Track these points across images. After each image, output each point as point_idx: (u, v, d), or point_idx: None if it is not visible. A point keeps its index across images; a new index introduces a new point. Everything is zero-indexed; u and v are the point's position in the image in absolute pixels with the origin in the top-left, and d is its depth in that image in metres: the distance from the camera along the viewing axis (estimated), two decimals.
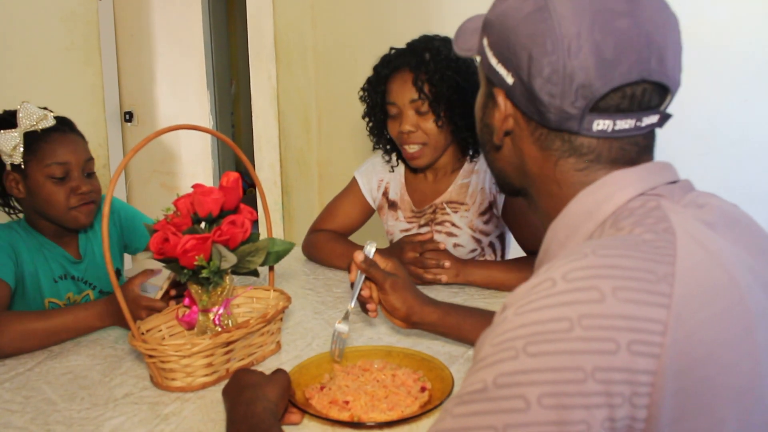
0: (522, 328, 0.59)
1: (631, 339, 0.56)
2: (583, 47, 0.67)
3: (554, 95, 0.69)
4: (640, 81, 0.68)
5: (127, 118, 3.98)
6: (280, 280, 1.75)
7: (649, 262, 0.60)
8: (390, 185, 1.93)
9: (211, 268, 1.13)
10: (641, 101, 0.70)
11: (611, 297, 0.57)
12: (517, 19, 0.71)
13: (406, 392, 1.07)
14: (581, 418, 0.56)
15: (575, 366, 0.56)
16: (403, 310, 1.19)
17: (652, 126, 0.73)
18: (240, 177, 1.21)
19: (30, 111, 1.49)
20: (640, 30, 0.68)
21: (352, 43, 2.83)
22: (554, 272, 0.60)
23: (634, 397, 0.56)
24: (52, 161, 1.49)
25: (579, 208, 0.73)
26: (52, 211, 1.53)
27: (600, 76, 0.67)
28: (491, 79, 0.77)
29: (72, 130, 1.57)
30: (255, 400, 0.93)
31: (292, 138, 3.11)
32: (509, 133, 0.79)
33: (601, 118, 0.69)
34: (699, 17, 1.99)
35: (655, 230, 0.64)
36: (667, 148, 2.04)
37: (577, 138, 0.73)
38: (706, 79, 2.00)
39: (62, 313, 1.35)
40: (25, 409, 1.09)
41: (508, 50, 0.72)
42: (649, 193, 0.70)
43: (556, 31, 0.68)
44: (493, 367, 0.59)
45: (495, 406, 0.58)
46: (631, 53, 0.67)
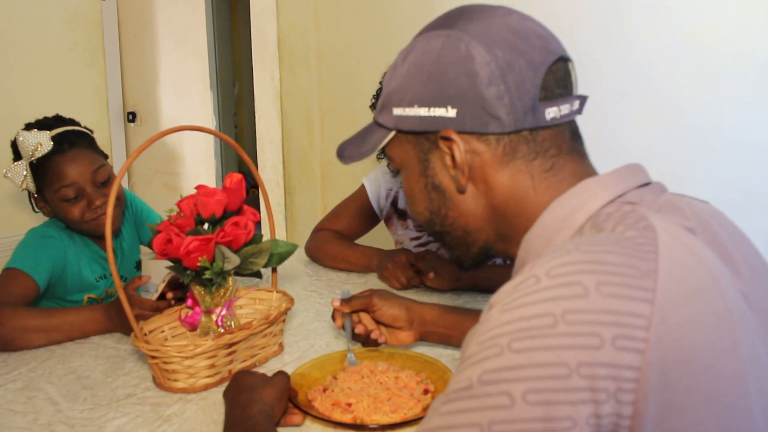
0: (507, 325, 0.59)
1: (616, 334, 0.56)
2: (505, 48, 0.72)
3: (503, 95, 0.72)
4: (558, 60, 0.75)
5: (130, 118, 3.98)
6: (283, 282, 1.75)
7: (631, 258, 0.60)
8: (399, 194, 1.92)
9: (214, 270, 1.13)
10: (566, 85, 0.76)
11: (595, 292, 0.57)
12: (434, 58, 0.75)
13: (409, 394, 1.07)
14: (566, 415, 0.55)
15: (560, 361, 0.56)
16: (403, 312, 1.19)
17: (579, 108, 0.77)
18: (243, 178, 1.21)
19: (26, 141, 1.48)
20: (533, 22, 0.76)
21: (355, 45, 2.83)
22: (538, 269, 0.61)
23: (619, 393, 0.56)
24: (59, 185, 1.52)
25: (552, 218, 0.73)
26: (76, 226, 1.59)
27: (530, 63, 0.72)
28: (426, 131, 0.78)
29: (72, 146, 1.54)
30: (251, 403, 0.93)
31: (294, 139, 3.11)
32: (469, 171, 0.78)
33: (549, 106, 0.73)
34: (700, 19, 1.98)
35: (636, 228, 0.64)
36: (668, 150, 2.05)
37: (538, 134, 0.74)
38: (707, 81, 2.00)
39: (62, 314, 1.37)
40: (27, 409, 1.09)
41: (440, 86, 0.74)
42: (621, 200, 0.71)
43: (477, 46, 0.72)
44: (479, 364, 0.59)
45: (480, 403, 0.58)
46: (540, 39, 0.74)
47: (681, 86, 2.04)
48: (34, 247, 1.55)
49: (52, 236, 1.58)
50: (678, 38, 2.02)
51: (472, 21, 0.75)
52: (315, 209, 3.09)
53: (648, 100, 2.09)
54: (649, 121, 2.10)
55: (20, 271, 1.47)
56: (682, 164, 2.07)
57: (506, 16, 0.75)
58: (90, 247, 1.66)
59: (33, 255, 1.52)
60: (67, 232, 1.63)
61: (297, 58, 3.03)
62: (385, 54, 1.83)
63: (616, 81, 2.11)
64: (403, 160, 0.84)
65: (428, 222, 0.86)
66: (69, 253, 1.60)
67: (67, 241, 1.60)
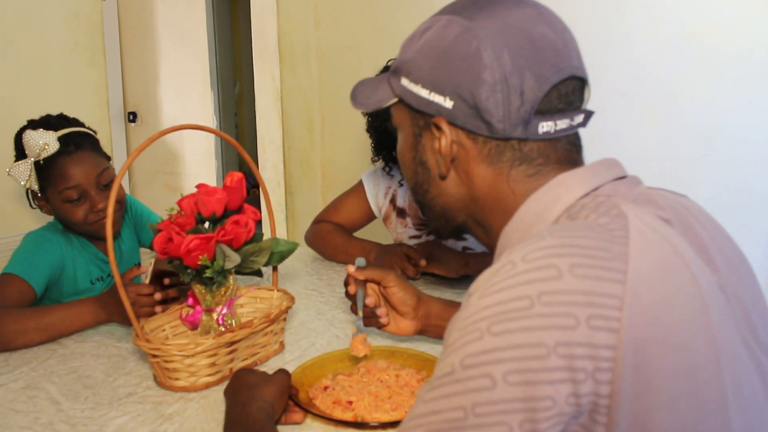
0: (485, 310, 0.60)
1: (590, 314, 0.57)
2: (515, 57, 0.71)
3: (499, 103, 0.71)
4: (569, 78, 0.74)
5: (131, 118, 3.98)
6: (284, 280, 1.75)
7: (603, 241, 0.62)
8: (398, 192, 1.93)
9: (214, 268, 1.13)
10: (572, 100, 0.75)
11: (568, 273, 0.59)
12: (445, 45, 0.74)
13: (410, 392, 1.07)
14: (547, 394, 0.57)
15: (537, 342, 0.57)
16: (413, 299, 1.18)
17: (581, 124, 0.76)
18: (244, 177, 1.21)
19: (32, 141, 1.48)
20: (556, 33, 0.74)
21: (355, 44, 2.83)
22: (514, 255, 0.62)
23: (596, 372, 0.57)
24: (64, 187, 1.52)
25: (529, 211, 0.74)
26: (77, 228, 1.59)
27: (536, 77, 0.71)
28: (423, 111, 0.78)
29: (78, 148, 1.54)
30: (251, 401, 0.93)
31: (295, 139, 3.11)
32: (453, 160, 0.79)
33: (545, 120, 0.73)
34: (702, 19, 1.99)
35: (609, 215, 0.66)
36: (670, 150, 2.05)
37: (526, 144, 0.75)
38: (709, 81, 2.00)
39: (57, 310, 1.37)
40: (29, 408, 1.09)
41: (444, 75, 0.75)
42: (595, 193, 0.72)
43: (488, 48, 0.72)
44: (460, 349, 0.61)
45: (463, 387, 0.59)
46: (555, 54, 0.73)
47: (681, 86, 2.04)
48: (31, 252, 1.54)
49: (49, 240, 1.58)
50: (678, 38, 2.02)
51: (494, 18, 0.74)
52: (315, 208, 3.09)
53: (648, 99, 2.09)
54: (650, 120, 2.10)
55: (17, 277, 1.46)
56: (683, 164, 2.07)
57: (529, 19, 0.74)
58: (88, 249, 1.66)
59: (30, 260, 1.52)
60: (65, 234, 1.63)
61: (297, 57, 3.03)
62: (386, 53, 1.83)
63: (617, 81, 2.11)
64: (401, 124, 0.86)
65: (413, 190, 0.88)
66: (66, 257, 1.60)
67: (65, 244, 1.60)
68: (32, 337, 1.34)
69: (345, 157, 2.97)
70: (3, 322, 1.33)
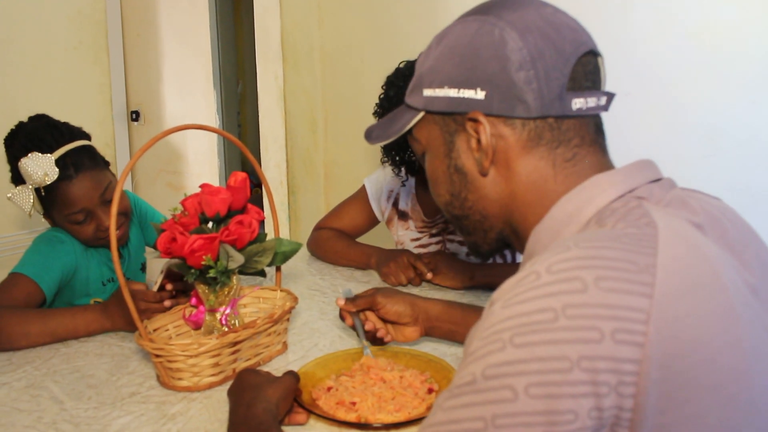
0: (508, 320, 0.60)
1: (615, 327, 0.57)
2: (538, 37, 0.74)
3: (532, 80, 0.73)
4: (588, 53, 0.76)
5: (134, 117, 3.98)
6: (287, 281, 1.75)
7: (630, 253, 0.61)
8: (400, 195, 1.93)
9: (218, 268, 1.13)
10: (595, 79, 0.78)
11: (593, 287, 0.58)
12: (468, 41, 0.76)
13: (413, 394, 1.06)
14: (568, 408, 0.56)
15: (561, 355, 0.56)
16: (407, 309, 1.21)
17: (606, 105, 0.78)
18: (248, 177, 1.21)
19: (31, 169, 1.44)
20: (567, 17, 0.78)
21: (359, 43, 2.83)
22: (539, 266, 0.61)
23: (620, 386, 0.57)
24: (69, 212, 1.50)
25: (561, 212, 0.74)
26: (83, 242, 1.59)
27: (560, 53, 0.74)
28: (455, 111, 0.79)
29: (78, 171, 1.49)
30: (255, 402, 0.93)
31: (298, 138, 3.11)
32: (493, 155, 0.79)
33: (577, 96, 0.74)
34: (705, 18, 1.98)
35: (638, 225, 0.65)
36: (673, 149, 2.05)
37: (563, 122, 0.76)
38: (712, 80, 1.99)
39: (62, 315, 1.37)
40: (32, 407, 1.09)
41: (471, 68, 0.76)
42: (629, 195, 0.72)
43: (511, 32, 0.74)
44: (482, 359, 0.60)
45: (483, 398, 0.59)
46: (572, 31, 0.76)
47: (685, 85, 2.04)
48: (43, 254, 1.53)
49: (62, 241, 1.57)
50: (682, 37, 2.01)
51: (508, 9, 0.76)
52: (318, 208, 3.10)
53: (651, 99, 2.09)
54: (653, 120, 2.10)
55: (27, 277, 1.45)
56: (687, 164, 2.06)
57: (540, 7, 0.77)
58: (99, 251, 1.65)
59: (42, 262, 1.50)
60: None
61: (300, 56, 3.03)
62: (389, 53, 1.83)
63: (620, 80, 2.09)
64: (428, 141, 0.85)
65: (448, 204, 0.87)
66: (79, 258, 1.59)
67: (77, 245, 1.59)
68: (36, 340, 1.33)
69: (348, 157, 2.97)
70: (8, 323, 1.32)
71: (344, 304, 1.23)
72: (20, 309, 1.38)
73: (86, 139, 1.59)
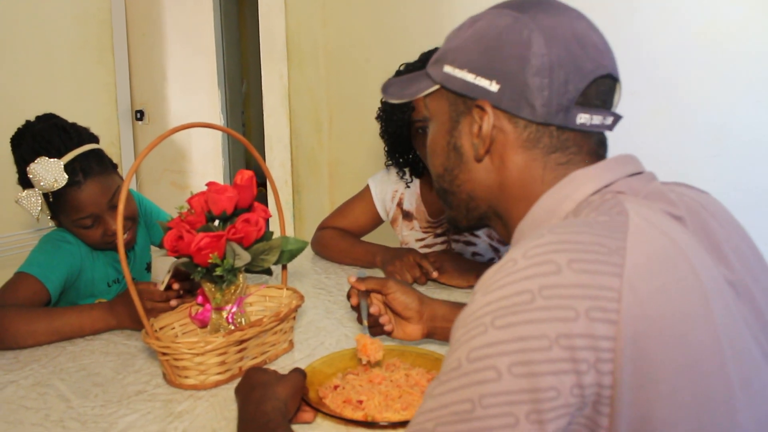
0: (489, 305, 0.62)
1: (589, 306, 0.59)
2: (562, 49, 0.76)
3: (545, 87, 0.76)
4: (606, 76, 0.79)
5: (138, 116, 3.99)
6: (292, 279, 1.75)
7: (601, 237, 0.64)
8: (405, 195, 1.93)
9: (224, 266, 1.13)
10: (606, 99, 0.80)
11: (567, 268, 0.61)
12: (497, 32, 0.79)
13: (420, 392, 1.06)
14: (550, 385, 0.59)
15: (540, 334, 0.59)
16: (415, 303, 1.20)
17: (611, 125, 0.80)
18: (254, 175, 1.21)
19: (40, 175, 1.45)
20: (597, 35, 0.80)
21: (363, 43, 2.83)
22: (515, 253, 0.65)
23: (598, 363, 0.59)
24: (77, 217, 1.51)
25: (541, 208, 0.78)
26: (90, 246, 1.60)
27: (579, 70, 0.76)
28: (466, 95, 0.82)
29: (87, 176, 1.49)
30: (264, 400, 0.93)
31: (303, 137, 3.11)
32: (490, 144, 0.82)
33: (583, 111, 0.77)
34: (710, 18, 1.97)
35: (609, 213, 0.69)
36: (679, 150, 2.05)
37: (563, 132, 0.79)
38: (717, 81, 1.99)
39: (68, 314, 1.37)
40: (39, 405, 1.09)
41: (492, 60, 0.79)
42: (607, 189, 0.75)
43: (538, 37, 0.76)
44: (465, 344, 0.63)
45: (469, 380, 0.61)
46: (597, 52, 0.78)
47: (691, 85, 2.03)
48: (49, 254, 1.53)
49: (68, 241, 1.57)
50: (688, 37, 2.01)
51: (544, 13, 0.78)
52: (322, 207, 3.09)
53: (657, 99, 2.08)
54: (659, 120, 2.09)
55: (32, 277, 1.45)
56: (693, 163, 2.06)
57: (576, 20, 0.79)
58: (104, 252, 1.65)
59: (48, 262, 1.50)
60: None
61: (305, 56, 3.03)
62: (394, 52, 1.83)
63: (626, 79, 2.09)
64: (436, 112, 0.89)
65: (439, 177, 0.91)
66: (85, 258, 1.59)
67: (83, 246, 1.59)
68: (42, 339, 1.34)
69: (352, 156, 2.97)
70: (14, 322, 1.32)
71: (355, 281, 1.22)
72: (26, 308, 1.38)
73: (95, 141, 1.59)
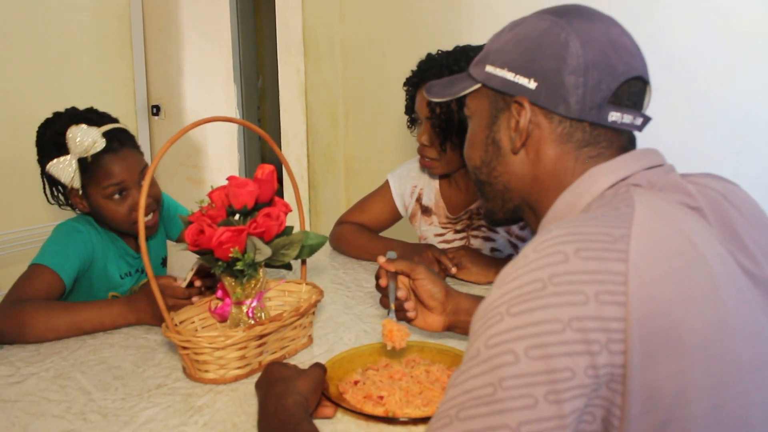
0: (503, 296, 0.66)
1: (598, 290, 0.63)
2: (597, 51, 0.82)
3: (579, 86, 0.81)
4: (637, 77, 0.84)
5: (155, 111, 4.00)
6: (310, 274, 1.75)
7: (606, 227, 0.68)
8: (424, 191, 1.92)
9: (245, 261, 1.13)
10: (637, 101, 0.85)
11: (574, 257, 0.65)
12: (537, 34, 0.85)
13: (441, 388, 1.06)
14: (565, 366, 0.62)
15: (553, 318, 0.63)
16: (441, 293, 1.20)
17: (641, 126, 0.85)
18: (275, 169, 1.21)
19: (80, 137, 1.47)
20: (630, 40, 0.85)
21: (381, 38, 2.82)
22: (527, 249, 0.69)
23: (610, 343, 0.63)
24: (108, 183, 1.52)
25: (562, 203, 0.83)
26: (117, 226, 1.59)
27: (612, 71, 0.81)
28: (506, 92, 0.88)
29: (123, 145, 1.55)
30: (286, 394, 0.93)
31: (319, 133, 3.10)
32: (527, 138, 0.88)
33: (614, 110, 0.82)
34: (731, 13, 1.95)
35: (617, 207, 0.72)
36: (700, 146, 2.02)
37: (595, 129, 0.84)
38: (739, 77, 1.97)
39: (88, 309, 1.37)
40: (61, 398, 1.09)
41: (531, 59, 0.85)
42: (623, 183, 0.79)
43: (575, 39, 0.82)
44: (483, 334, 0.66)
45: (489, 366, 0.64)
46: (629, 55, 0.83)
47: (713, 81, 2.01)
48: (62, 243, 1.53)
49: (80, 231, 1.57)
50: (709, 32, 1.99)
51: (581, 19, 0.84)
52: (338, 203, 3.09)
53: (679, 95, 2.06)
54: (681, 116, 2.07)
55: (47, 268, 1.45)
56: (713, 161, 2.03)
57: (610, 26, 0.85)
58: (116, 243, 1.65)
59: (61, 251, 1.51)
60: (95, 227, 1.62)
61: (322, 51, 3.02)
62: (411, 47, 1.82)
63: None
64: (477, 109, 0.95)
65: (476, 169, 0.97)
66: (97, 249, 1.59)
67: (95, 237, 1.60)
68: (62, 334, 1.34)
69: (368, 152, 2.97)
70: (35, 316, 1.33)
71: (384, 262, 1.21)
72: (46, 302, 1.39)
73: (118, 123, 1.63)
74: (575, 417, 0.62)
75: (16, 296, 1.39)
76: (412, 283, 1.21)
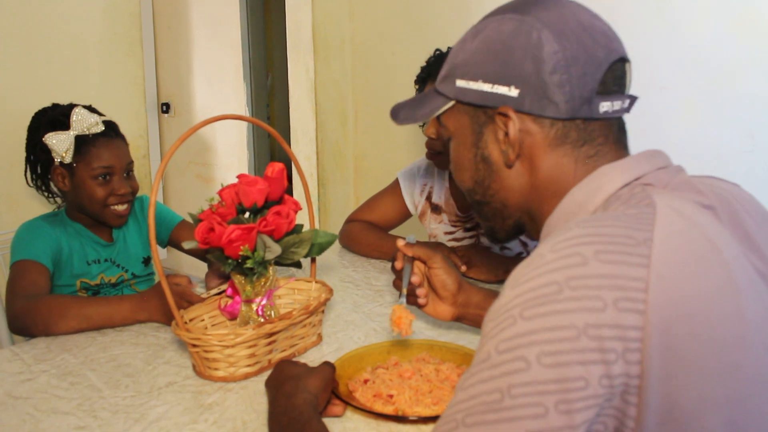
0: (517, 298, 0.63)
1: (617, 296, 0.60)
2: (574, 42, 0.76)
3: (565, 84, 0.76)
4: (619, 59, 0.79)
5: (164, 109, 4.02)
6: (320, 273, 1.75)
7: (628, 229, 0.64)
8: (434, 189, 1.92)
9: (255, 259, 1.13)
10: (621, 83, 0.81)
11: (593, 260, 0.61)
12: (504, 39, 0.79)
13: (450, 387, 1.06)
14: (579, 375, 0.59)
15: (568, 324, 0.59)
16: (454, 285, 1.19)
17: (628, 107, 0.81)
18: (285, 168, 1.21)
19: (83, 116, 1.60)
20: (600, 21, 0.80)
21: (390, 36, 2.82)
22: (543, 248, 0.65)
23: (626, 353, 0.59)
24: (98, 164, 1.61)
25: (571, 202, 0.79)
26: (91, 207, 1.65)
27: (593, 59, 0.77)
28: (486, 105, 0.82)
29: (117, 135, 1.67)
30: (296, 392, 0.93)
31: (328, 131, 3.10)
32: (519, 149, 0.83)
33: (604, 100, 0.78)
34: (744, 11, 1.94)
35: (638, 206, 0.69)
36: (711, 146, 2.01)
37: (589, 124, 0.79)
38: (751, 76, 1.95)
39: (97, 303, 1.40)
40: (71, 395, 1.10)
41: (507, 66, 0.78)
42: (636, 182, 0.75)
43: (548, 35, 0.77)
44: (495, 337, 0.63)
45: (499, 371, 0.61)
46: (606, 38, 0.79)
47: (724, 80, 2.00)
48: (28, 238, 1.60)
49: (41, 226, 1.64)
50: (720, 31, 1.97)
51: (546, 10, 0.79)
52: (348, 201, 3.09)
53: (689, 94, 2.05)
54: (690, 115, 2.06)
55: (28, 260, 1.52)
56: (724, 160, 2.02)
57: (577, 11, 0.80)
58: (83, 233, 1.69)
59: (30, 242, 1.58)
60: (59, 221, 1.68)
61: (331, 49, 3.02)
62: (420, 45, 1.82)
63: (656, 74, 2.07)
64: (456, 129, 0.88)
65: (470, 191, 0.91)
66: (61, 239, 1.64)
67: (59, 229, 1.65)
68: (72, 324, 1.35)
69: (378, 150, 2.96)
70: (45, 306, 1.36)
71: (404, 245, 1.20)
72: (56, 296, 1.42)
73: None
74: (586, 428, 0.60)
75: (22, 293, 1.43)
76: (427, 270, 1.21)
